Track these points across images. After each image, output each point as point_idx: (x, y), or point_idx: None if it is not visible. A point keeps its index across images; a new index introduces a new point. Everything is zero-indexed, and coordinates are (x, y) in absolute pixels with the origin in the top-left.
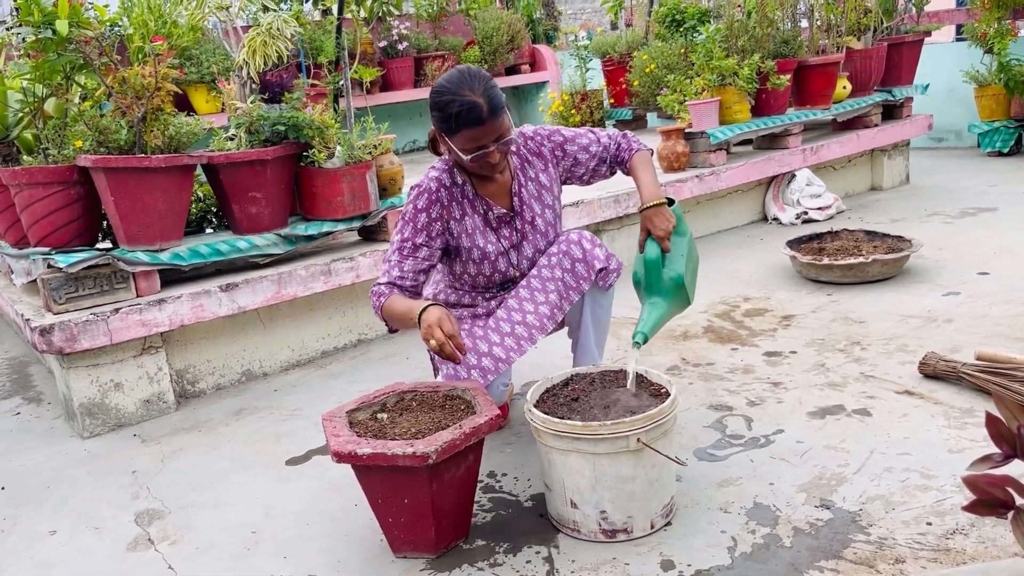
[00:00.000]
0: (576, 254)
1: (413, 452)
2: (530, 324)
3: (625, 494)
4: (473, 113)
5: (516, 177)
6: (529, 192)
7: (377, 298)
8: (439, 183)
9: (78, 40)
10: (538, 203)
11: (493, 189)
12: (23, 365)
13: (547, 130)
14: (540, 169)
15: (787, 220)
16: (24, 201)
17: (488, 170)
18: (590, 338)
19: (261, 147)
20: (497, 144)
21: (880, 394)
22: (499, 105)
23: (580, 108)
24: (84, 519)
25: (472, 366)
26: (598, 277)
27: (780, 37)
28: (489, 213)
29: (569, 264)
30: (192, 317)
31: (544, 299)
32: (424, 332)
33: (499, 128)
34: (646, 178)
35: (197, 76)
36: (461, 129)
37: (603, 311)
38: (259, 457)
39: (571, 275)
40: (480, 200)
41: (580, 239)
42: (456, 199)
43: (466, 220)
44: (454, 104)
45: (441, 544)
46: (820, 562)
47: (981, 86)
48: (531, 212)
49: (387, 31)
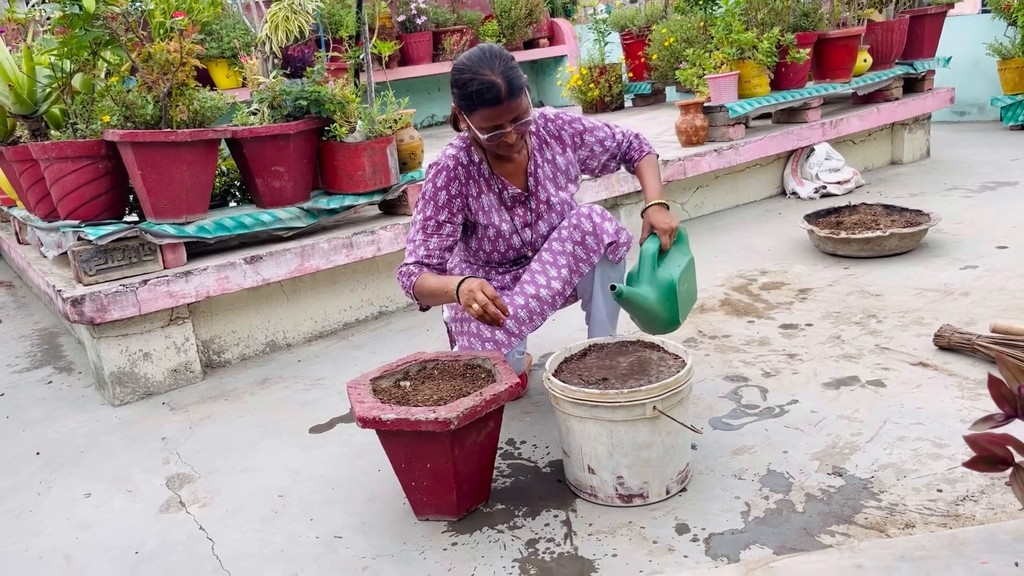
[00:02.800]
0: (586, 227)
1: (436, 418)
2: (542, 298)
3: (641, 460)
4: (491, 92)
5: (532, 157)
6: (545, 173)
7: (407, 278)
8: (456, 160)
9: (105, 16)
10: (553, 184)
11: (510, 168)
12: (53, 336)
13: (569, 116)
14: (558, 152)
15: (805, 194)
16: (53, 175)
17: (505, 150)
18: (601, 310)
19: (284, 122)
20: (514, 125)
21: (895, 366)
22: (518, 86)
23: (598, 82)
24: (117, 483)
25: (486, 339)
26: (607, 250)
27: (800, 10)
28: (504, 192)
29: (580, 237)
30: (218, 289)
31: (556, 273)
32: (466, 299)
33: (516, 109)
34: (652, 180)
35: (218, 51)
36: (479, 108)
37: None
38: (284, 424)
39: (582, 248)
40: (496, 179)
41: (591, 212)
42: (473, 177)
43: (482, 198)
44: (473, 83)
45: (462, 507)
46: (831, 527)
47: (1004, 59)
48: (546, 192)
49: (405, 5)
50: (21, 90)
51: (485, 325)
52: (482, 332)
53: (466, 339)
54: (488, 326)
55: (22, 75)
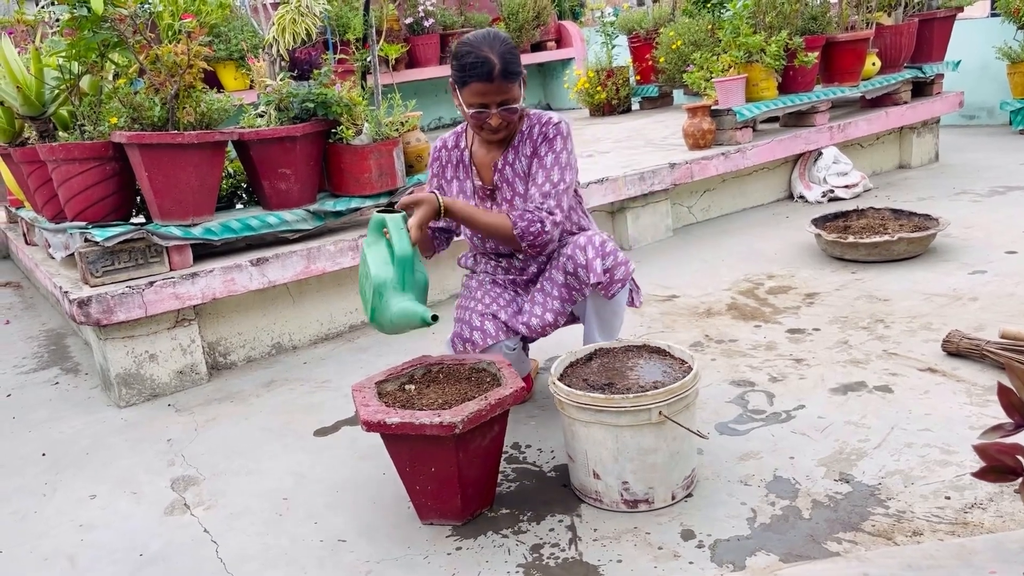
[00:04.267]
0: (579, 260)
1: (440, 422)
2: (532, 327)
3: (647, 466)
4: (484, 68)
5: (506, 153)
6: (515, 171)
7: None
8: (443, 143)
9: (113, 18)
10: (523, 183)
11: (485, 161)
12: (60, 336)
13: (566, 130)
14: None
15: (813, 198)
16: (61, 176)
17: (488, 133)
18: (595, 334)
19: (291, 124)
20: (499, 108)
21: (903, 371)
22: (512, 71)
23: (606, 85)
24: (122, 484)
25: (475, 327)
26: (596, 289)
27: (808, 13)
28: (473, 182)
29: (572, 268)
30: (224, 291)
31: (549, 305)
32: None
33: (505, 92)
34: (479, 212)
35: (225, 53)
36: (470, 82)
37: (609, 313)
38: (289, 427)
39: (574, 278)
40: (471, 168)
41: (587, 244)
42: (452, 162)
43: (454, 183)
44: (470, 55)
45: (467, 512)
46: (838, 533)
47: (1014, 63)
48: (511, 191)
49: (413, 7)
50: (29, 92)
51: (479, 319)
52: (472, 320)
53: (458, 325)
54: (480, 321)
55: (30, 77)
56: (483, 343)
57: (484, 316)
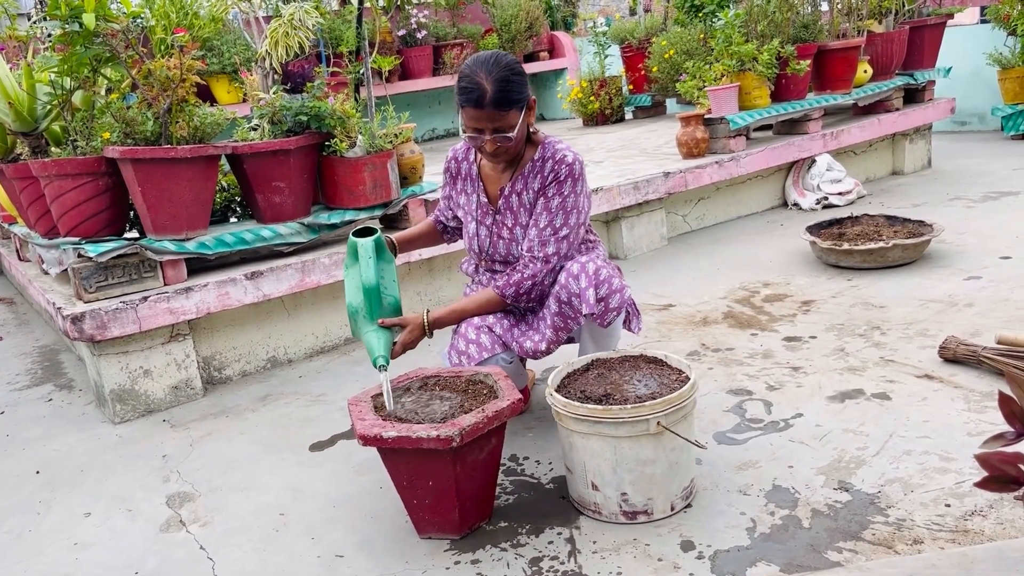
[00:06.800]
0: (572, 288)
1: (437, 435)
2: (526, 349)
3: (646, 476)
4: (475, 94)
5: (515, 181)
6: (520, 201)
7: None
8: (454, 154)
9: (104, 33)
10: (526, 215)
11: (493, 177)
12: (54, 353)
13: (578, 172)
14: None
15: (807, 206)
16: (54, 192)
17: (487, 156)
18: (589, 351)
19: (284, 137)
20: (494, 135)
21: (900, 378)
22: (506, 99)
23: (599, 95)
24: (117, 501)
25: (471, 340)
26: (589, 319)
27: (800, 21)
28: (479, 198)
29: (566, 297)
30: (218, 305)
31: (542, 335)
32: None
33: (499, 119)
34: (462, 303)
35: (218, 67)
36: (463, 106)
37: (605, 336)
38: (286, 441)
39: (568, 307)
40: (479, 183)
41: (581, 272)
42: (461, 174)
43: (461, 196)
44: (464, 79)
45: (465, 525)
46: (839, 543)
47: (1004, 68)
48: (514, 220)
49: (406, 19)
50: (21, 107)
51: (475, 331)
52: (467, 334)
53: (455, 338)
54: (476, 334)
55: (22, 92)
56: (479, 356)
57: (480, 329)
